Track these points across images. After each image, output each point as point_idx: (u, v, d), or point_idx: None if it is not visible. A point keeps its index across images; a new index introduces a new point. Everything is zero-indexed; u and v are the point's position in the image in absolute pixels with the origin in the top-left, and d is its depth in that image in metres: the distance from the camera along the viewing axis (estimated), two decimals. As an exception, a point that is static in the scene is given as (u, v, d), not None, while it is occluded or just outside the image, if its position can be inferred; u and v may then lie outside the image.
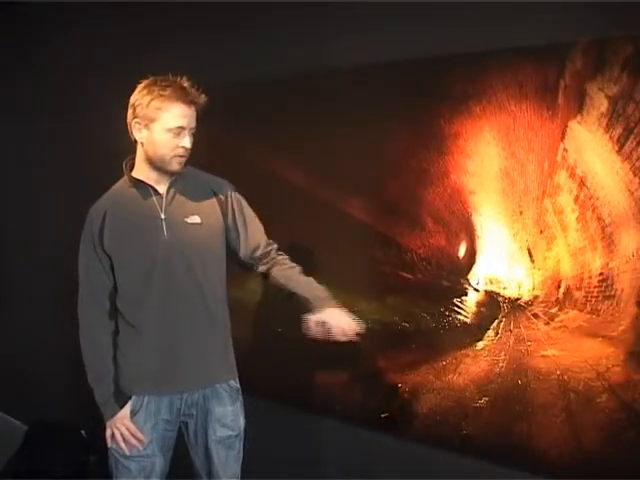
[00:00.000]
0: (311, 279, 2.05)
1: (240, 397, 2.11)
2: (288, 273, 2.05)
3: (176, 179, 1.97)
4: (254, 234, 2.08)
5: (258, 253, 2.07)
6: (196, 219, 1.96)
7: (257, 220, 2.10)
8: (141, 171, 1.95)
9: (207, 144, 2.56)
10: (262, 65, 2.57)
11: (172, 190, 1.97)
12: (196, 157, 2.01)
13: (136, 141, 1.93)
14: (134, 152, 1.97)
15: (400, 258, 2.28)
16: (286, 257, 2.10)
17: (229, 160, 2.58)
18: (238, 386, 2.10)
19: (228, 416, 2.06)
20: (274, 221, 2.19)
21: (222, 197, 2.04)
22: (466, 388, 2.15)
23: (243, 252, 2.07)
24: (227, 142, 2.67)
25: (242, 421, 2.10)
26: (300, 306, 2.46)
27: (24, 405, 3.63)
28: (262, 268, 2.08)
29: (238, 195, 2.09)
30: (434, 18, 2.08)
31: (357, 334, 1.92)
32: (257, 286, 2.69)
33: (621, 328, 1.82)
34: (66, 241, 3.24)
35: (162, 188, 1.96)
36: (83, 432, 3.23)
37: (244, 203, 2.09)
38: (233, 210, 2.05)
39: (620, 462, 1.85)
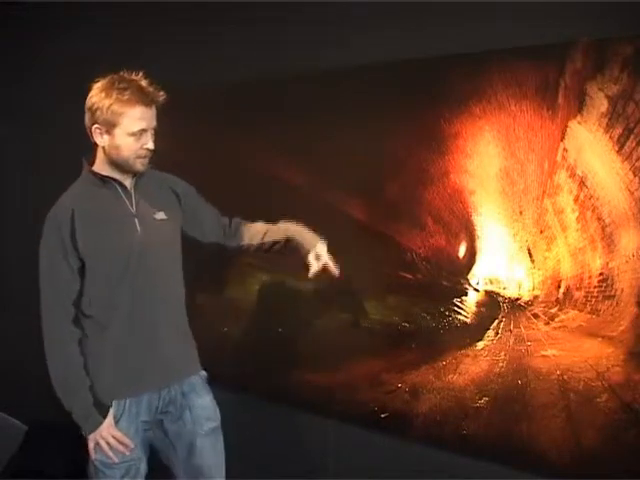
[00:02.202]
0: (282, 223, 2.13)
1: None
2: (258, 229, 2.14)
3: (140, 176, 1.97)
4: (216, 217, 2.15)
5: (222, 235, 2.15)
6: (162, 215, 1.98)
7: (211, 206, 2.17)
8: (104, 170, 1.94)
9: (207, 144, 2.57)
10: (262, 65, 2.56)
11: (139, 187, 1.97)
12: (196, 157, 2.01)
13: (96, 144, 1.92)
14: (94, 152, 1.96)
15: (400, 258, 2.28)
16: (240, 220, 2.18)
17: (229, 160, 2.58)
18: (206, 374, 2.11)
19: (209, 406, 2.06)
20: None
21: (179, 192, 2.07)
22: (466, 388, 2.14)
23: (209, 236, 2.13)
24: (227, 142, 2.67)
25: (218, 411, 2.09)
26: (300, 302, 2.48)
27: (24, 405, 3.63)
28: (230, 243, 2.15)
29: (191, 187, 2.13)
30: (434, 18, 2.08)
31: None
32: (257, 286, 2.69)
33: (621, 328, 1.82)
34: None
35: (129, 185, 1.96)
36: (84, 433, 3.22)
37: (197, 193, 2.15)
38: (191, 201, 2.10)
39: (620, 462, 1.85)
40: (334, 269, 2.02)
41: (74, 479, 2.99)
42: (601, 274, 1.85)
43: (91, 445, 1.93)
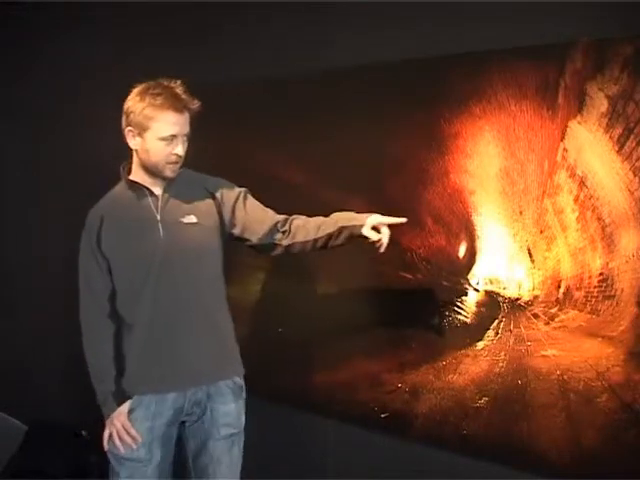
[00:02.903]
0: (332, 215, 2.00)
1: (244, 394, 2.10)
2: (311, 225, 2.00)
3: (172, 181, 1.98)
4: (262, 217, 2.05)
5: (276, 232, 2.03)
6: (192, 219, 1.97)
7: (261, 206, 2.07)
8: (137, 175, 1.97)
9: (207, 144, 2.56)
10: (263, 65, 2.56)
11: (168, 192, 1.98)
12: (196, 157, 2.01)
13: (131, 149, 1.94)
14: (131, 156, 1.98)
15: (400, 258, 2.28)
16: (297, 217, 2.05)
17: (228, 160, 2.58)
18: (242, 383, 2.09)
19: (231, 414, 2.05)
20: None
21: (218, 196, 2.04)
22: (466, 388, 2.15)
23: (256, 237, 2.03)
24: (226, 142, 2.67)
25: (243, 419, 2.10)
26: (303, 303, 2.48)
27: (24, 405, 3.63)
28: (285, 242, 2.02)
29: (238, 188, 2.07)
30: (434, 18, 2.08)
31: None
32: (257, 286, 2.69)
33: (621, 328, 1.82)
34: (66, 242, 3.23)
35: (158, 190, 1.97)
36: (84, 432, 3.22)
37: (245, 194, 2.07)
38: (232, 203, 2.04)
39: (620, 462, 1.85)
40: (399, 220, 1.90)
41: (74, 479, 2.99)
42: (601, 274, 1.85)
43: (106, 433, 1.97)
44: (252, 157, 2.60)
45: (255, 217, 2.05)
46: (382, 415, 2.36)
